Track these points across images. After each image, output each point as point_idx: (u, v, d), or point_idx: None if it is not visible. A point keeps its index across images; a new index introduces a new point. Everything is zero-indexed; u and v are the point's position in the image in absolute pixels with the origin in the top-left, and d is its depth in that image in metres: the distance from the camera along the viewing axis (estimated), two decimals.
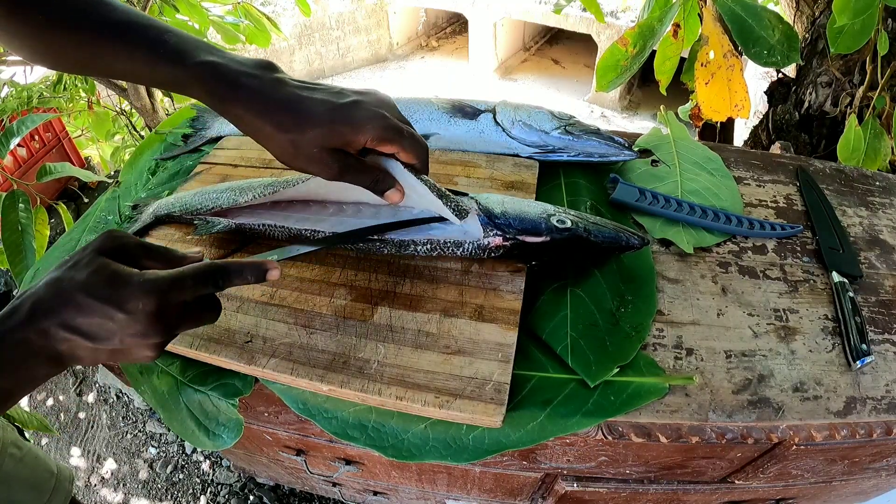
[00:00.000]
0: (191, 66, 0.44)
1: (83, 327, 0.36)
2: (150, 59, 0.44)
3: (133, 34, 0.44)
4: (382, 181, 0.50)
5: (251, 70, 0.45)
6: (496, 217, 0.55)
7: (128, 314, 0.36)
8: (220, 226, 0.61)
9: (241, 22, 1.62)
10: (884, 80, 1.03)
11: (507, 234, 0.55)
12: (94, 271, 0.37)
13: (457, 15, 7.08)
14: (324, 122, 0.44)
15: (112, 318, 0.36)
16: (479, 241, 0.56)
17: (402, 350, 0.51)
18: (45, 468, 0.75)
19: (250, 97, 0.44)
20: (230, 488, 1.41)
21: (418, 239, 0.57)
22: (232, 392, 0.55)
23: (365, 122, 0.45)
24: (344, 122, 0.45)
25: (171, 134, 0.85)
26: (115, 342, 0.36)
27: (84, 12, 0.44)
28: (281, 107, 0.44)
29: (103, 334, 0.36)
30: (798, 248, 0.66)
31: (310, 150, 0.45)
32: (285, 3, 5.63)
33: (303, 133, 0.44)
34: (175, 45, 0.44)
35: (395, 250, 0.58)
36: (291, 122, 0.44)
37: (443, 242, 0.57)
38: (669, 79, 1.02)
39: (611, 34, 5.21)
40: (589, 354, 0.52)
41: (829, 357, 0.55)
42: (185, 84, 0.45)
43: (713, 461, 0.60)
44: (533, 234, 0.55)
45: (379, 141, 0.46)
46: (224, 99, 0.44)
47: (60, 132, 2.38)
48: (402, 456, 0.50)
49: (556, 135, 0.70)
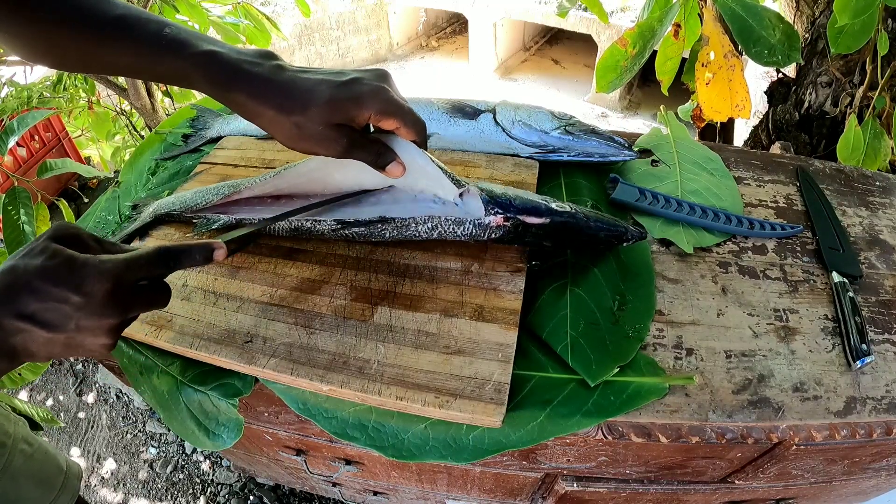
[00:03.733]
0: (191, 56, 0.44)
1: (38, 314, 0.36)
2: (152, 51, 0.44)
3: (134, 28, 0.45)
4: (384, 155, 0.50)
5: (251, 58, 0.45)
6: (497, 196, 0.56)
7: (83, 296, 0.36)
8: (220, 222, 0.61)
9: (240, 22, 1.62)
10: (884, 80, 1.03)
11: (508, 214, 0.55)
12: (49, 256, 0.37)
13: (457, 15, 7.08)
14: (325, 99, 0.44)
15: (68, 300, 0.36)
16: (479, 220, 0.55)
17: (402, 350, 0.51)
18: (54, 464, 0.75)
19: (252, 83, 0.44)
20: (230, 488, 1.41)
21: (419, 217, 0.56)
22: (232, 392, 0.55)
23: (366, 97, 0.45)
24: (345, 98, 0.45)
25: (171, 134, 0.85)
26: (71, 328, 0.37)
27: (84, 10, 0.45)
28: (282, 90, 0.44)
29: (59, 320, 0.36)
30: (798, 248, 0.66)
31: (314, 129, 0.45)
32: (285, 3, 5.63)
33: (305, 113, 0.44)
34: (176, 36, 0.45)
35: (397, 232, 0.57)
36: (294, 104, 0.44)
37: (444, 220, 0.56)
38: (671, 79, 1.02)
39: (611, 34, 5.21)
40: (589, 354, 0.52)
41: (829, 357, 0.55)
42: (187, 74, 0.45)
43: (713, 461, 0.60)
44: (533, 215, 0.55)
45: (380, 114, 0.46)
46: (226, 86, 0.45)
47: (60, 132, 2.38)
48: (402, 456, 0.51)
49: (556, 135, 0.70)
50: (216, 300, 0.56)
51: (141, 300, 0.40)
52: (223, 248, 0.43)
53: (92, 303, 0.37)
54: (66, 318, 0.36)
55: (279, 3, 5.67)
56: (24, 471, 0.70)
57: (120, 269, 0.38)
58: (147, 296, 0.41)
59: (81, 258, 0.37)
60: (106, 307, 0.37)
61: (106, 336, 0.39)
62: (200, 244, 0.42)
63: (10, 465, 0.68)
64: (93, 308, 0.37)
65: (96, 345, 0.39)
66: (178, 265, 0.41)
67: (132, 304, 0.39)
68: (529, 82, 6.43)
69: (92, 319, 0.37)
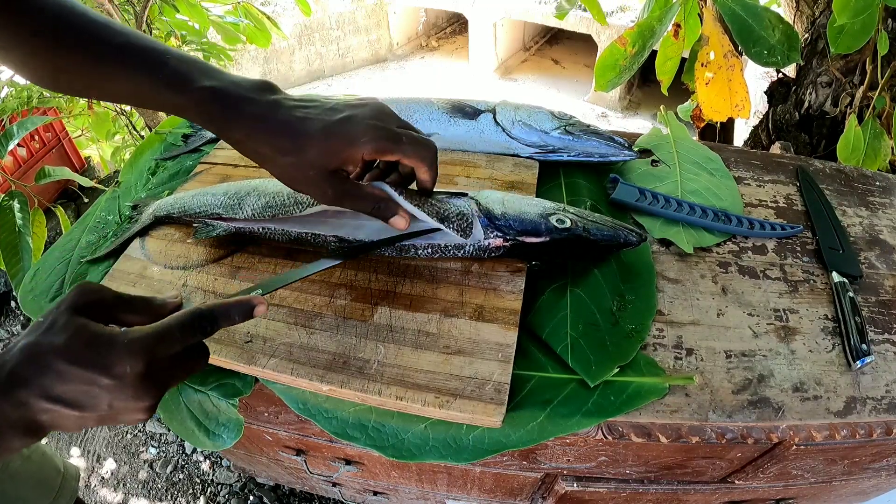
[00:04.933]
0: (189, 93, 0.44)
1: (66, 396, 0.33)
2: (151, 85, 0.44)
3: (135, 59, 0.44)
4: (385, 208, 0.49)
5: (249, 94, 0.45)
6: (496, 219, 0.56)
7: (115, 379, 0.33)
8: (220, 230, 0.61)
9: (241, 22, 1.63)
10: (884, 80, 1.03)
11: (508, 236, 0.55)
12: (72, 335, 0.33)
13: (457, 15, 7.08)
14: (320, 141, 0.44)
15: (98, 384, 0.33)
16: (479, 243, 0.56)
17: (402, 350, 0.51)
18: (52, 466, 0.75)
19: (249, 123, 0.44)
20: (230, 488, 1.41)
21: (420, 244, 0.57)
22: (232, 392, 0.55)
23: (359, 136, 0.45)
24: (338, 139, 0.45)
25: (171, 134, 0.85)
26: (103, 408, 0.34)
27: (87, 37, 0.44)
28: (279, 130, 0.44)
29: (89, 402, 0.33)
30: (798, 248, 0.66)
31: (307, 173, 0.45)
32: (285, 3, 5.63)
33: (301, 155, 0.44)
34: (175, 69, 0.45)
35: (397, 253, 0.58)
36: (290, 146, 0.44)
37: (444, 246, 0.57)
38: (671, 79, 1.03)
39: (611, 34, 5.20)
40: (589, 354, 0.52)
41: (829, 357, 0.55)
42: (185, 110, 0.45)
43: (713, 461, 0.60)
44: (533, 235, 0.55)
45: (376, 151, 0.46)
46: (224, 126, 0.45)
47: (60, 132, 2.37)
48: (402, 456, 0.51)
49: (556, 135, 0.70)
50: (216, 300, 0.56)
51: (177, 371, 0.37)
52: (264, 303, 0.40)
53: (124, 385, 0.34)
54: (96, 399, 0.34)
55: (279, 3, 5.66)
56: (22, 472, 0.70)
57: (150, 344, 0.34)
58: (183, 364, 0.38)
59: (107, 335, 0.34)
60: (140, 388, 0.34)
61: (142, 412, 0.36)
62: (240, 302, 0.39)
63: (7, 467, 0.68)
64: (127, 391, 0.34)
65: (133, 419, 0.36)
66: (215, 328, 0.38)
67: (168, 379, 0.36)
68: (529, 82, 6.43)
69: (126, 402, 0.34)
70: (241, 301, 0.39)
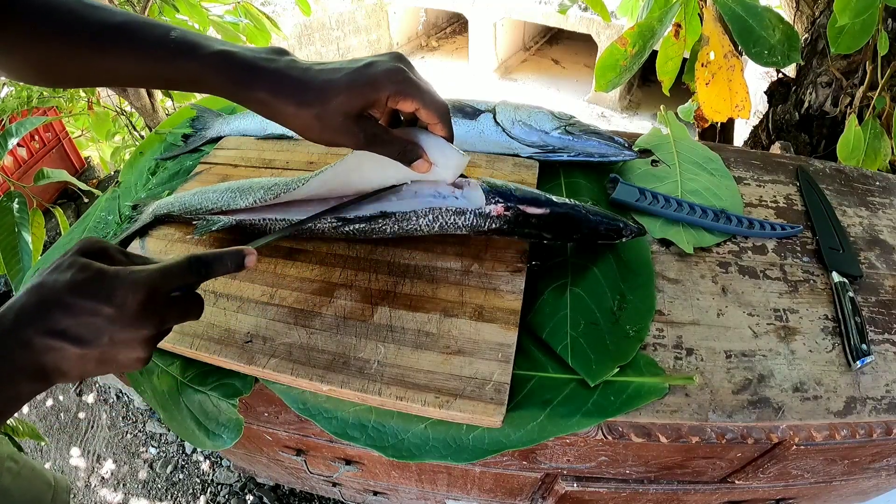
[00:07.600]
0: (205, 57, 0.43)
1: (70, 330, 0.35)
2: (159, 55, 0.43)
3: (138, 33, 0.44)
4: (411, 150, 0.50)
5: (267, 55, 0.45)
6: (498, 186, 0.56)
7: (116, 308, 0.35)
8: (220, 224, 0.61)
9: (241, 21, 1.62)
10: (884, 80, 1.03)
11: (509, 203, 0.55)
12: (78, 270, 0.36)
13: (457, 15, 7.08)
14: (343, 87, 0.44)
15: (100, 313, 0.35)
16: (480, 209, 0.55)
17: (402, 350, 0.51)
18: (42, 480, 0.75)
19: (272, 80, 0.44)
20: (230, 488, 1.41)
21: (420, 210, 0.56)
22: (232, 392, 0.55)
23: (382, 78, 0.45)
24: (362, 82, 0.45)
25: (171, 134, 0.85)
26: (104, 342, 0.36)
27: (82, 18, 0.44)
28: (301, 84, 0.44)
29: (91, 335, 0.35)
30: (798, 248, 0.66)
31: (335, 121, 0.45)
32: (285, 2, 5.63)
33: (325, 104, 0.44)
34: (183, 38, 0.44)
35: (398, 226, 0.57)
36: (313, 96, 0.44)
37: (444, 210, 0.56)
38: (672, 79, 1.02)
39: (611, 34, 5.20)
40: (589, 354, 0.52)
41: (829, 357, 0.55)
42: (201, 76, 0.44)
43: (713, 461, 0.60)
44: (534, 205, 0.55)
45: (398, 95, 0.46)
46: (247, 85, 0.44)
47: (60, 132, 2.38)
48: (402, 456, 0.50)
49: (556, 135, 0.70)
50: (216, 300, 0.56)
51: (175, 311, 0.40)
52: (254, 253, 0.43)
53: (125, 314, 0.36)
54: (99, 332, 0.35)
55: (279, 3, 5.66)
56: (13, 489, 0.69)
57: (153, 279, 0.37)
58: (181, 306, 0.40)
59: (112, 270, 0.37)
60: (140, 318, 0.36)
61: (141, 349, 0.38)
62: (232, 251, 0.42)
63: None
64: (126, 320, 0.36)
65: (131, 358, 0.38)
66: (210, 273, 0.41)
67: (166, 314, 0.39)
68: (529, 82, 6.43)
69: (126, 332, 0.36)
70: (234, 251, 0.42)
